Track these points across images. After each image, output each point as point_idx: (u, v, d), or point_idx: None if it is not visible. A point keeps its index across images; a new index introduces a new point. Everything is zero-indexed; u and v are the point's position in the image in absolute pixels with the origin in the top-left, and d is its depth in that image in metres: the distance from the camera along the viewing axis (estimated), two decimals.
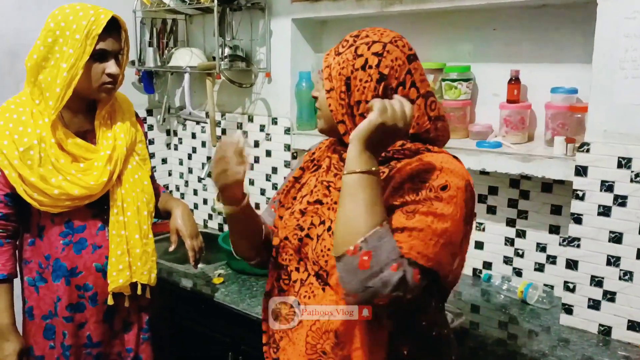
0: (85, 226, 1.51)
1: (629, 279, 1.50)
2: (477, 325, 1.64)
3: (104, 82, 1.45)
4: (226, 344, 1.84)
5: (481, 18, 1.84)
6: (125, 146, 1.53)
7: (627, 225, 1.48)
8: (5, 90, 2.12)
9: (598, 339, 1.54)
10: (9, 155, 1.42)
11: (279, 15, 2.17)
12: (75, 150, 1.47)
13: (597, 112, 1.51)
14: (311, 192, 1.15)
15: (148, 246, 1.56)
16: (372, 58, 1.03)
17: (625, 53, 1.44)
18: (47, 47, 1.41)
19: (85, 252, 1.51)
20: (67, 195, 1.44)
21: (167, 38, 2.49)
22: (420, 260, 0.92)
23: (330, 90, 1.05)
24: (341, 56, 1.05)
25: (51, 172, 1.43)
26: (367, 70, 1.03)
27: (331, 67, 1.06)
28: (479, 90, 1.90)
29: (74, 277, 1.51)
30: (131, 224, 1.52)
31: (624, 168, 1.47)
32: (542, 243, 1.81)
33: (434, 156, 1.03)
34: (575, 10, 1.65)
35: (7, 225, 1.48)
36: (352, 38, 1.07)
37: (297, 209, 1.15)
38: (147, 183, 1.59)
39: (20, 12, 2.14)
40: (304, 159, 1.24)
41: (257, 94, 2.32)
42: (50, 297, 1.52)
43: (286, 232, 1.15)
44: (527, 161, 1.63)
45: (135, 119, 1.62)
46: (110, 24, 1.43)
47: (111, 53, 1.45)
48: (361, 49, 1.04)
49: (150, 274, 1.56)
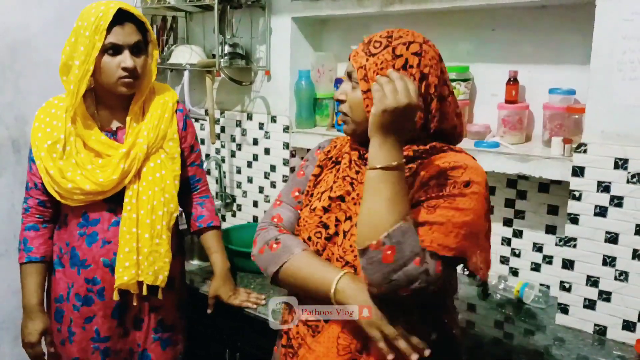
0: (99, 220, 1.52)
1: (625, 279, 1.51)
2: (473, 325, 1.65)
3: (120, 77, 1.43)
4: (223, 341, 1.84)
5: (480, 18, 1.84)
6: (147, 144, 1.51)
7: (623, 225, 1.49)
8: (7, 84, 2.13)
9: (593, 339, 1.55)
10: (39, 147, 1.48)
11: (279, 13, 2.17)
12: (97, 146, 1.49)
13: (595, 113, 1.51)
14: (330, 188, 1.14)
15: (160, 246, 1.53)
16: (412, 58, 1.04)
17: (623, 55, 1.45)
18: (71, 46, 1.43)
19: (95, 245, 1.52)
20: (80, 190, 1.46)
21: (167, 35, 2.49)
22: (442, 252, 0.95)
23: (367, 91, 1.04)
24: (377, 57, 1.04)
25: (71, 165, 1.46)
26: (409, 70, 1.04)
27: (366, 67, 1.04)
28: (477, 90, 1.90)
29: (85, 268, 1.53)
30: (143, 222, 1.51)
31: (620, 169, 1.48)
32: (538, 243, 1.82)
33: (457, 155, 1.07)
34: (574, 12, 1.66)
35: (45, 211, 1.56)
36: (384, 39, 1.05)
37: (318, 206, 1.14)
38: (170, 182, 1.55)
39: (23, 7, 2.14)
40: (319, 157, 1.23)
41: (256, 92, 2.33)
42: (65, 282, 1.55)
43: (308, 232, 1.14)
44: (525, 161, 1.63)
45: (172, 115, 1.57)
46: (123, 16, 1.42)
47: (124, 46, 1.42)
48: (399, 49, 1.04)
49: (158, 275, 1.53)
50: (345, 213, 1.10)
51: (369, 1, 1.88)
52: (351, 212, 1.09)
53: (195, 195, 1.72)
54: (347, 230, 1.08)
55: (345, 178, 1.12)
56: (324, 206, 1.12)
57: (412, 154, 1.06)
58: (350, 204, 1.09)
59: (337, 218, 1.10)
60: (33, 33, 1.43)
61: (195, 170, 1.70)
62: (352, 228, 1.07)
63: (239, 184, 2.47)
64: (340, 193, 1.11)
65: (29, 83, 2.15)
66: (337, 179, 1.14)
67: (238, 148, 2.44)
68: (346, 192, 1.11)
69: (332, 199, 1.12)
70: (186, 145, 1.65)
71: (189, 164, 1.68)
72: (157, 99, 1.57)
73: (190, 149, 1.67)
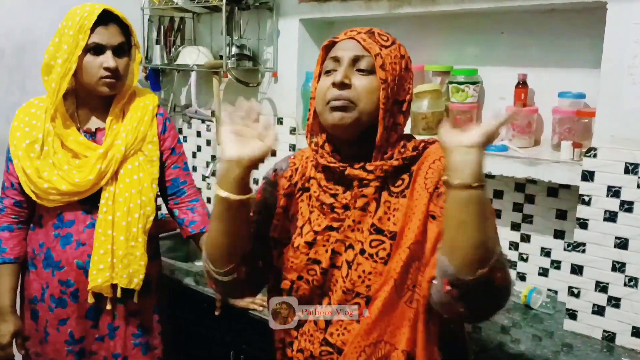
0: (74, 221, 1.52)
1: (634, 285, 1.49)
2: (479, 329, 1.63)
3: (102, 76, 1.44)
4: (228, 343, 1.83)
5: (489, 21, 1.83)
6: (125, 145, 1.50)
7: (633, 231, 1.47)
8: (13, 85, 2.14)
9: (602, 345, 1.54)
10: (17, 146, 1.48)
11: (286, 15, 2.17)
12: (74, 146, 1.48)
13: (605, 117, 1.50)
14: (308, 220, 1.06)
15: (136, 249, 1.52)
16: (409, 62, 1.06)
17: (634, 59, 1.43)
18: (55, 46, 1.44)
19: (69, 247, 1.51)
20: (56, 190, 1.45)
21: (174, 36, 2.49)
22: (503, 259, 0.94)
23: (385, 81, 1.00)
24: (390, 50, 1.02)
25: (47, 165, 1.46)
26: (409, 73, 1.05)
27: (382, 57, 1.00)
28: (485, 93, 1.89)
29: (59, 270, 1.52)
30: (119, 224, 1.50)
31: (630, 174, 1.46)
32: (546, 248, 1.80)
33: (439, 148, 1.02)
34: (584, 15, 1.64)
35: (21, 211, 1.55)
36: (387, 36, 1.05)
37: (301, 243, 1.05)
38: (147, 185, 1.54)
39: (29, 9, 2.15)
40: (281, 184, 1.13)
41: (263, 94, 2.32)
42: (38, 283, 1.55)
43: (298, 272, 1.05)
44: (533, 165, 1.62)
45: (151, 118, 1.57)
46: (108, 17, 1.43)
47: (107, 46, 1.44)
48: (403, 49, 1.05)
49: (132, 278, 1.51)
50: (344, 242, 1.02)
51: (377, 3, 1.88)
52: (351, 240, 1.02)
53: (184, 200, 1.68)
54: (351, 260, 1.01)
55: (322, 206, 1.04)
56: (307, 241, 1.04)
57: (400, 163, 1.01)
58: (348, 231, 1.02)
59: (333, 250, 1.02)
60: (39, 34, 1.45)
61: (179, 173, 1.67)
62: (357, 257, 1.00)
63: None
64: (327, 223, 1.03)
65: (36, 84, 2.14)
66: (313, 208, 1.06)
67: None
68: (332, 219, 1.03)
69: (318, 232, 1.03)
70: (165, 148, 1.62)
71: (170, 166, 1.65)
72: (138, 101, 1.57)
73: (170, 151, 1.64)
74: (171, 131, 1.65)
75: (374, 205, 1.02)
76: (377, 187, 1.01)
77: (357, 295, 1.00)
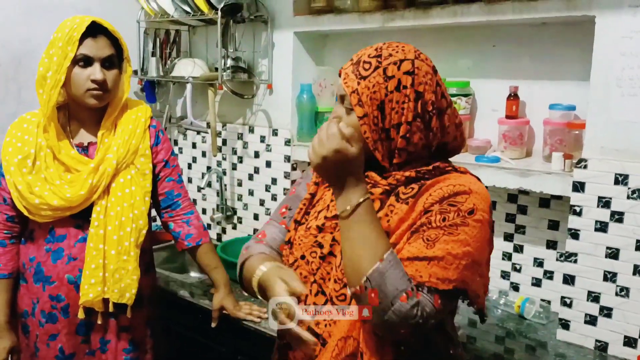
0: (65, 236, 1.51)
1: (626, 294, 1.51)
2: (474, 340, 1.64)
3: (89, 88, 1.44)
4: (222, 354, 1.83)
5: (481, 34, 1.86)
6: (117, 159, 1.49)
7: (623, 241, 1.49)
8: (9, 96, 2.15)
9: (594, 355, 1.55)
10: (9, 161, 1.47)
11: (281, 28, 2.19)
12: (67, 160, 1.47)
13: (595, 128, 1.52)
14: (327, 207, 1.11)
15: (128, 263, 1.50)
16: (405, 78, 1.01)
17: (622, 71, 1.46)
18: (49, 58, 1.44)
19: (60, 262, 1.50)
20: (47, 205, 1.44)
21: (170, 48, 2.51)
22: (441, 286, 0.94)
23: (363, 117, 1.01)
24: (368, 80, 1.01)
25: (39, 180, 1.45)
26: (403, 90, 1.01)
27: (358, 92, 1.01)
28: (478, 105, 1.92)
29: (49, 285, 1.51)
30: (110, 238, 1.48)
31: (620, 184, 1.48)
32: (539, 258, 1.82)
33: (461, 177, 1.04)
34: (574, 29, 1.67)
35: (13, 226, 1.53)
36: (373, 59, 1.02)
37: (313, 225, 1.11)
38: (140, 198, 1.52)
39: (26, 20, 2.16)
40: (314, 175, 1.21)
41: (258, 105, 2.34)
42: (29, 297, 1.54)
43: (302, 251, 1.11)
44: (525, 176, 1.64)
45: (144, 131, 1.56)
46: (97, 29, 1.43)
47: (95, 59, 1.43)
48: (390, 69, 1.01)
49: (124, 292, 1.50)
50: None
51: (371, 17, 1.90)
52: None
53: (179, 213, 1.65)
54: None
55: None
56: (318, 225, 1.10)
57: (414, 175, 1.04)
58: None
59: (333, 238, 1.07)
60: (35, 46, 1.46)
61: (173, 186, 1.64)
62: None
63: (240, 197, 2.47)
64: (336, 213, 1.06)
65: (32, 94, 2.14)
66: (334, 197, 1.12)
67: (239, 161, 2.45)
68: None
69: (328, 218, 1.09)
70: (159, 160, 1.61)
71: (164, 179, 1.63)
72: (129, 113, 1.55)
73: (164, 163, 1.62)
74: (164, 143, 1.63)
75: (377, 204, 1.05)
76: (385, 190, 1.05)
77: (344, 286, 1.03)
